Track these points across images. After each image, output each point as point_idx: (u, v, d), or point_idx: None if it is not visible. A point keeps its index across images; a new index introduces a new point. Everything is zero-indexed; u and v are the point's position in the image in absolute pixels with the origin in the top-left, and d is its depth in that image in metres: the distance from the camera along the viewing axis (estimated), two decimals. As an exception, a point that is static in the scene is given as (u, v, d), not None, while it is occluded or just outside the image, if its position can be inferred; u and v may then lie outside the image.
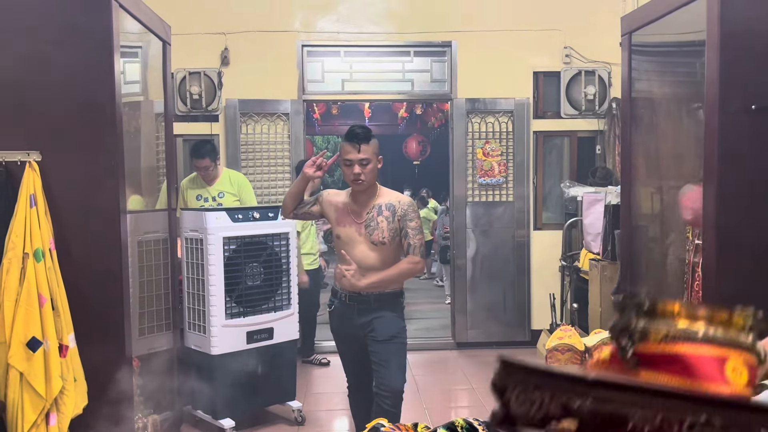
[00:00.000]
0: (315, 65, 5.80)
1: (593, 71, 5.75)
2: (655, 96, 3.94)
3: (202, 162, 4.59)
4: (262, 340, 3.88)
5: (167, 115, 3.80)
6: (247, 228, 3.83)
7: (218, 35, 5.63)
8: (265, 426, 4.01)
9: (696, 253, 3.43)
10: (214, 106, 5.59)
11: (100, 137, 2.82)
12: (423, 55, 5.86)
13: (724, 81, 2.83)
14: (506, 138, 5.85)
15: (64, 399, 2.69)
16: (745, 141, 2.84)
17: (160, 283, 3.66)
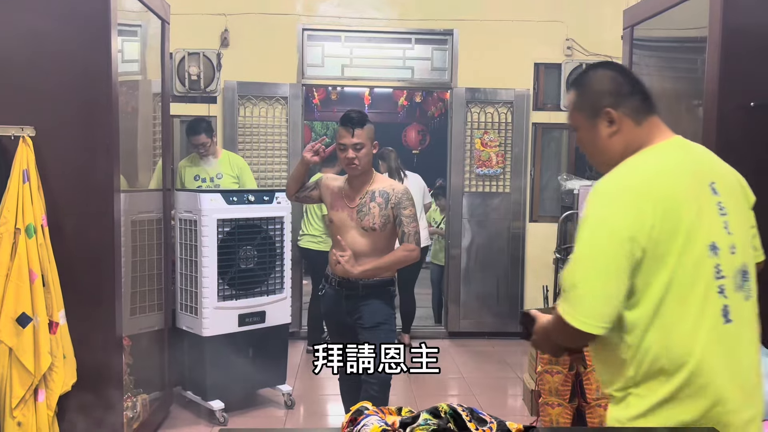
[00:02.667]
0: (315, 49, 5.76)
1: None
2: (654, 91, 3.90)
3: (198, 138, 4.56)
4: (254, 323, 3.88)
5: (164, 95, 3.77)
6: (241, 211, 3.82)
7: (218, 16, 5.59)
8: (255, 409, 4.03)
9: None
10: (213, 88, 5.55)
11: (95, 114, 2.80)
12: (424, 42, 5.83)
13: (724, 77, 2.82)
14: (505, 129, 5.83)
15: (52, 375, 2.68)
16: (743, 137, 2.84)
17: (152, 263, 3.65)
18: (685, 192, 1.50)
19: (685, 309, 1.48)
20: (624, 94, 1.58)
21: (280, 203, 3.96)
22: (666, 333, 1.48)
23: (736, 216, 1.57)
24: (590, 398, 3.71)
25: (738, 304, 1.53)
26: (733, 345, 1.52)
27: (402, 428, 1.04)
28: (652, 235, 1.44)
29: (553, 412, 3.70)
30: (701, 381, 1.48)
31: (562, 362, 3.72)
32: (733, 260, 1.52)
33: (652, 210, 1.45)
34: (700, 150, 1.66)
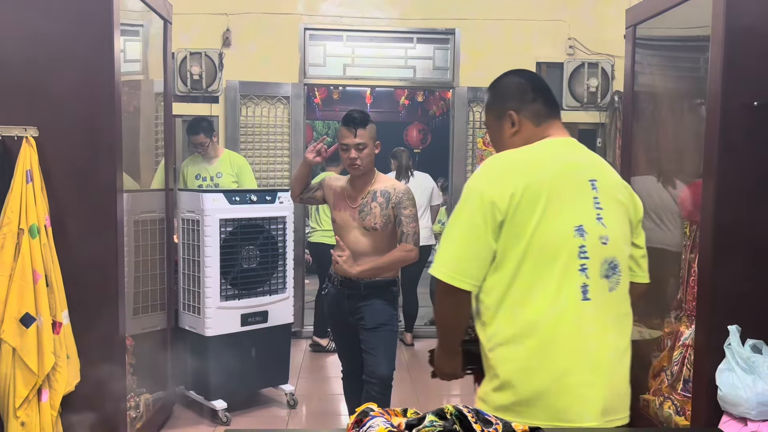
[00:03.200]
0: (317, 49, 5.76)
1: (596, 63, 5.73)
2: (657, 90, 3.92)
3: (197, 138, 4.63)
4: (257, 322, 3.88)
5: (166, 95, 3.77)
6: (244, 210, 3.82)
7: (220, 16, 5.59)
8: (258, 408, 4.03)
9: (693, 249, 3.42)
10: (215, 87, 5.55)
11: (98, 114, 2.80)
12: (426, 42, 5.83)
13: (727, 77, 2.82)
14: (507, 128, 5.82)
15: (56, 376, 2.69)
16: (746, 137, 2.83)
17: (155, 263, 3.66)
18: (554, 176, 1.67)
19: (542, 279, 1.62)
20: (527, 100, 1.78)
21: (282, 203, 3.96)
22: (520, 300, 1.63)
23: (614, 218, 1.70)
24: (593, 398, 3.71)
25: (600, 288, 1.65)
26: (587, 322, 1.63)
27: (408, 430, 1.04)
28: (512, 203, 1.61)
29: (555, 412, 3.70)
30: (549, 351, 1.61)
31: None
32: (603, 249, 1.66)
33: (515, 182, 1.63)
34: (590, 154, 1.82)
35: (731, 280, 2.89)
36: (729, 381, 2.80)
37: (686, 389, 3.30)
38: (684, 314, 3.45)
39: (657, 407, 3.44)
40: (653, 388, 3.57)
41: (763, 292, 2.89)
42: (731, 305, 2.89)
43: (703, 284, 3.01)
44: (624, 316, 1.74)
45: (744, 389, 2.73)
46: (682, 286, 3.51)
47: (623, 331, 1.72)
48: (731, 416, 2.82)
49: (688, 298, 3.42)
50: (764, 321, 2.88)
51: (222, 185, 4.56)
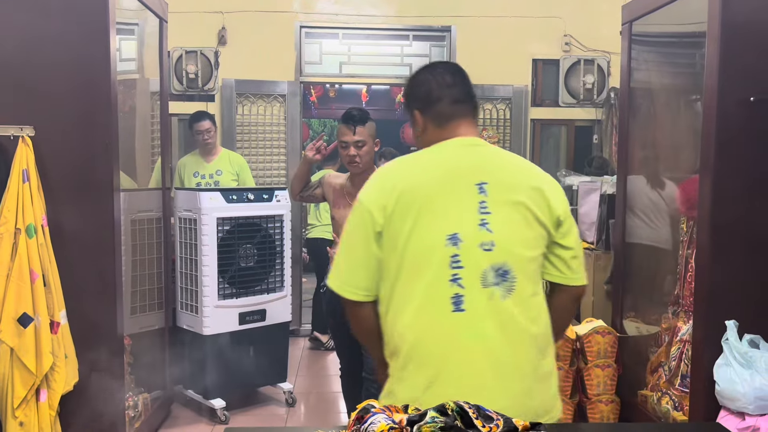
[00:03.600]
0: (313, 47, 5.75)
1: (592, 60, 5.73)
2: (653, 86, 3.93)
3: (203, 124, 4.58)
4: (255, 321, 3.87)
5: (163, 94, 3.76)
6: (241, 209, 3.81)
7: (215, 14, 5.58)
8: (256, 407, 4.02)
9: (690, 245, 3.43)
10: (211, 86, 5.54)
11: (94, 113, 2.79)
12: (422, 39, 5.83)
13: (723, 72, 2.82)
14: (503, 125, 5.83)
15: (54, 375, 2.68)
16: (743, 132, 2.84)
17: (152, 262, 3.65)
18: (432, 183, 1.62)
19: (412, 290, 1.59)
20: (432, 100, 1.71)
21: (279, 201, 3.96)
22: (397, 311, 1.61)
23: (506, 222, 1.60)
24: (591, 394, 3.72)
25: (480, 298, 1.57)
26: (462, 334, 1.57)
27: (409, 426, 1.04)
28: (386, 213, 1.59)
29: (554, 408, 3.70)
30: (415, 363, 1.58)
31: (563, 358, 3.72)
32: (486, 256, 1.58)
33: (390, 191, 1.60)
34: (490, 154, 1.72)
35: (728, 276, 2.90)
36: (726, 376, 2.81)
37: (684, 384, 3.31)
38: (681, 310, 3.46)
39: (655, 402, 3.45)
40: (651, 384, 3.58)
41: (760, 287, 2.90)
42: (728, 300, 2.90)
43: (700, 280, 3.02)
44: (530, 322, 1.62)
45: (741, 384, 2.74)
46: (679, 282, 3.51)
47: (521, 337, 1.60)
48: (729, 411, 2.83)
49: (686, 293, 3.43)
50: (761, 316, 2.89)
51: (222, 183, 4.56)
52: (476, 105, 1.77)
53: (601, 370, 3.69)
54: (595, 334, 3.70)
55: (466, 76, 1.77)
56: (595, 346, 3.70)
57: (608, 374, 3.70)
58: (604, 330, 3.72)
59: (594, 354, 3.70)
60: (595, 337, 3.70)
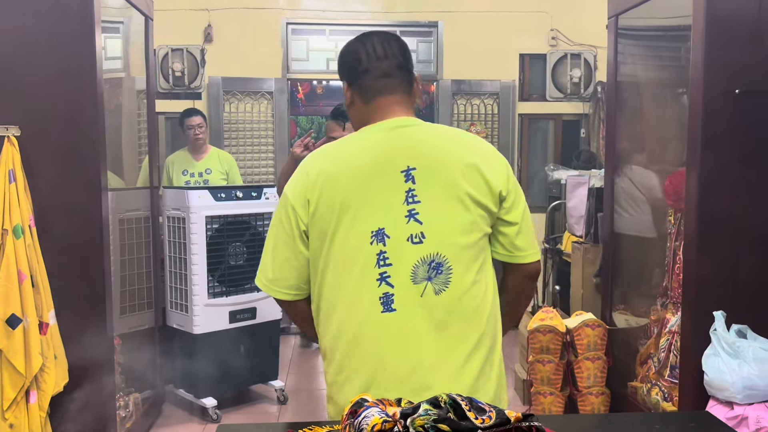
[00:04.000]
0: (300, 43, 5.75)
1: (579, 54, 5.76)
2: (640, 80, 3.95)
3: (194, 119, 4.59)
4: (245, 319, 3.87)
5: (149, 92, 3.74)
6: (230, 207, 3.80)
7: (201, 11, 5.56)
8: (248, 405, 4.02)
9: (677, 237, 3.46)
10: (197, 84, 5.52)
11: (81, 112, 2.77)
12: (409, 35, 5.83)
13: (708, 65, 2.84)
14: (491, 120, 5.85)
15: (44, 377, 2.66)
16: (729, 125, 2.86)
17: (141, 262, 3.63)
18: (354, 176, 1.49)
19: (340, 292, 1.49)
20: (359, 72, 1.56)
21: (268, 199, 3.95)
22: (326, 314, 1.52)
23: (439, 209, 1.48)
24: (582, 386, 3.74)
25: (411, 295, 1.47)
26: (394, 335, 1.47)
27: (403, 419, 1.04)
28: (309, 211, 1.49)
29: (545, 401, 3.73)
30: (349, 369, 1.50)
31: (553, 351, 3.75)
32: (416, 250, 1.47)
33: (312, 187, 1.49)
34: (417, 134, 1.55)
35: (715, 267, 2.92)
36: (715, 366, 2.83)
37: (673, 375, 3.33)
38: (670, 302, 3.49)
39: (645, 394, 3.47)
40: (641, 375, 3.60)
41: (746, 277, 2.92)
42: (716, 291, 2.93)
43: (688, 271, 3.04)
44: (469, 315, 1.51)
45: (730, 374, 2.77)
46: (667, 274, 3.54)
47: (459, 334, 1.50)
48: (718, 401, 2.86)
49: (674, 285, 3.46)
50: (748, 306, 2.92)
51: (212, 181, 4.55)
52: (411, 79, 1.60)
53: (591, 362, 3.71)
54: (584, 327, 3.73)
55: (404, 48, 1.61)
56: (584, 338, 3.72)
57: (598, 366, 3.72)
58: (594, 323, 3.75)
59: (584, 347, 3.73)
60: (584, 330, 3.72)
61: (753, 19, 2.83)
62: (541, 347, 3.73)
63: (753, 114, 2.83)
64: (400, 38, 1.64)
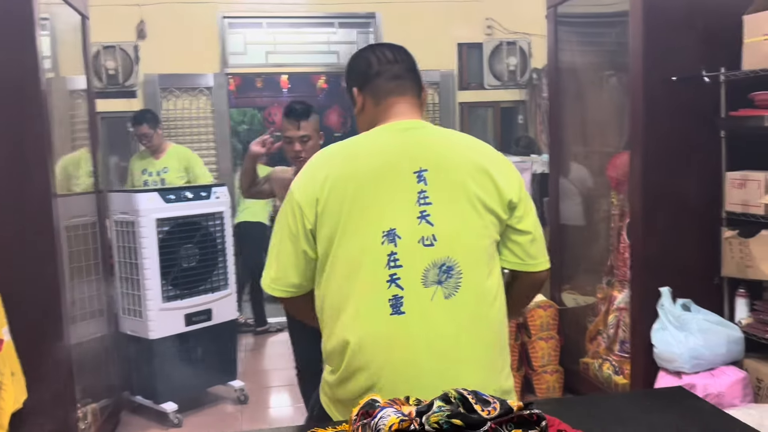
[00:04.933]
0: (237, 37, 5.66)
1: (514, 42, 5.88)
2: (579, 66, 4.08)
3: (140, 128, 4.58)
4: (201, 321, 3.82)
5: (90, 93, 3.62)
6: (180, 208, 3.73)
7: (132, 7, 5.38)
8: (209, 407, 3.97)
9: (621, 218, 3.62)
10: (132, 82, 5.36)
11: (24, 118, 2.66)
12: (347, 26, 5.83)
13: (647, 53, 2.98)
14: (433, 110, 5.92)
15: (2, 394, 2.56)
16: (667, 109, 3.01)
17: (90, 269, 3.52)
18: (366, 175, 1.49)
19: (349, 293, 1.47)
20: (371, 75, 1.61)
21: (218, 198, 3.90)
22: (334, 314, 1.51)
23: (451, 211, 1.48)
24: (536, 366, 3.88)
25: (420, 298, 1.46)
26: (401, 339, 1.46)
27: (418, 417, 1.08)
28: (317, 210, 1.48)
29: (502, 382, 3.84)
30: (355, 367, 1.48)
31: (510, 334, 3.86)
32: (428, 252, 1.46)
33: (321, 186, 1.48)
34: (429, 135, 1.57)
35: (660, 245, 3.08)
36: (663, 339, 2.99)
37: (623, 350, 3.50)
38: (616, 280, 3.65)
39: (597, 369, 3.63)
40: (591, 352, 3.76)
41: (687, 254, 3.09)
42: (661, 268, 3.08)
43: (635, 250, 3.19)
44: (477, 320, 1.50)
45: (677, 345, 2.93)
46: (612, 253, 3.70)
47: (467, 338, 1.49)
48: (667, 371, 3.02)
49: (619, 264, 3.62)
50: (690, 281, 3.09)
51: (168, 180, 4.47)
52: (419, 85, 1.66)
53: (544, 342, 3.85)
54: (537, 309, 3.85)
55: (410, 55, 1.67)
56: (537, 320, 3.85)
57: (551, 346, 3.86)
58: (546, 304, 3.88)
59: (537, 327, 3.86)
60: (537, 311, 3.85)
61: (686, 5, 2.98)
62: (496, 331, 3.83)
63: (689, 98, 2.99)
64: (406, 49, 1.69)
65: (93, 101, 3.65)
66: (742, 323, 2.97)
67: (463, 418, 1.09)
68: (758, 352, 2.95)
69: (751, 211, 2.86)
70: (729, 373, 2.88)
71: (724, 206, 3.01)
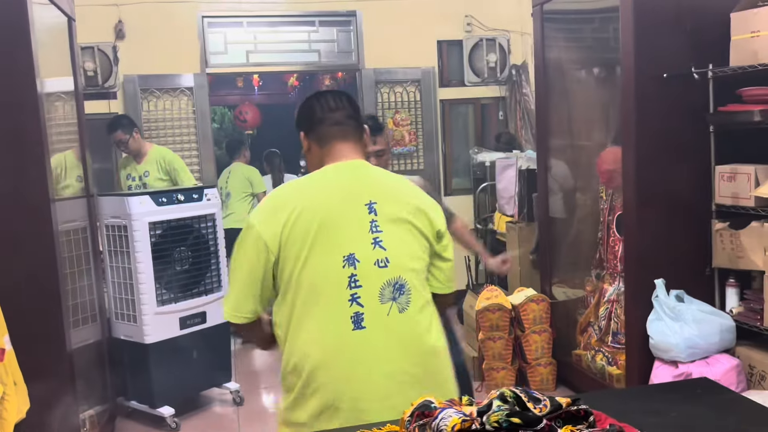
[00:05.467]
0: (217, 37, 5.61)
1: (494, 39, 5.94)
2: (565, 63, 4.14)
3: (115, 135, 4.51)
4: (196, 324, 3.79)
5: (78, 94, 3.56)
6: (172, 211, 3.70)
7: (110, 7, 5.30)
8: (205, 410, 3.95)
9: (610, 212, 3.69)
10: (111, 83, 5.29)
11: (21, 122, 2.62)
12: (328, 24, 5.82)
13: (638, 52, 3.04)
14: (414, 107, 5.95)
15: (5, 405, 2.51)
16: (658, 106, 3.08)
17: (82, 274, 3.47)
18: (326, 206, 1.68)
19: (312, 312, 1.64)
20: (314, 121, 1.81)
21: (210, 200, 3.88)
22: (296, 333, 1.66)
23: (397, 238, 1.70)
24: (530, 359, 3.94)
25: (378, 313, 1.65)
26: (363, 350, 1.64)
27: (479, 416, 1.10)
28: (281, 241, 1.64)
29: (498, 376, 3.90)
30: (318, 381, 1.63)
31: (503, 328, 3.91)
32: (382, 273, 1.66)
33: (285, 218, 1.65)
34: (375, 175, 1.80)
35: (653, 238, 3.15)
36: (659, 330, 3.07)
37: (616, 341, 3.58)
38: (607, 273, 3.73)
39: (589, 360, 3.70)
40: (583, 343, 3.83)
41: (678, 246, 3.17)
42: (655, 261, 3.16)
43: (629, 243, 3.26)
44: (428, 329, 1.73)
45: (673, 336, 3.01)
46: (602, 247, 3.77)
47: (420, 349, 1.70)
48: (662, 361, 3.10)
49: (609, 257, 3.69)
50: (682, 273, 3.17)
51: (149, 184, 4.42)
52: (360, 128, 1.84)
53: (538, 335, 3.91)
54: (530, 303, 3.92)
55: (352, 102, 1.86)
56: (530, 313, 3.92)
57: (544, 339, 3.93)
58: (538, 298, 3.94)
59: (530, 321, 3.92)
60: (530, 305, 3.91)
61: (675, 4, 3.05)
62: (491, 325, 3.89)
63: (679, 94, 3.06)
64: (350, 95, 1.90)
65: (81, 103, 3.59)
66: (734, 312, 3.06)
67: (521, 417, 1.12)
68: (749, 340, 3.04)
69: (741, 204, 2.95)
70: (723, 361, 2.96)
71: (714, 199, 3.09)
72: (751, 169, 2.90)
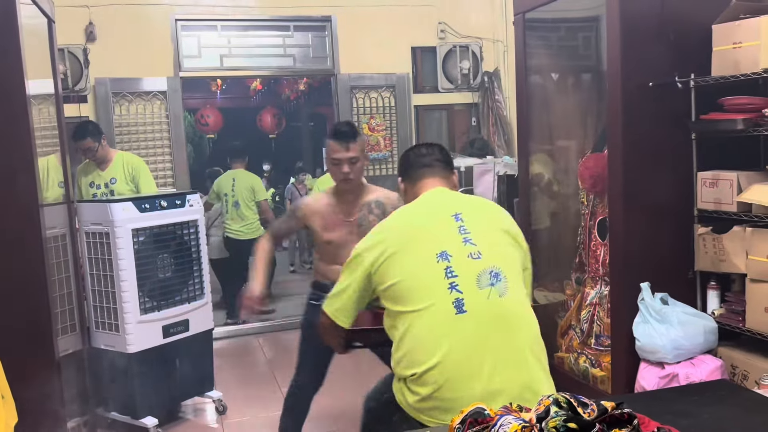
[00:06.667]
0: (191, 40, 5.53)
1: (467, 46, 6.01)
2: (545, 71, 4.21)
3: (84, 143, 4.24)
4: (179, 332, 3.72)
5: (57, 97, 3.47)
6: (155, 218, 3.62)
7: (80, 8, 5.18)
8: (188, 420, 3.89)
9: (591, 217, 3.76)
10: (82, 86, 5.16)
11: (7, 128, 2.54)
12: (303, 29, 5.80)
13: (625, 60, 3.10)
14: (389, 113, 5.97)
15: (-6, 419, 2.43)
16: (644, 113, 3.15)
17: (62, 283, 3.38)
18: (416, 220, 2.01)
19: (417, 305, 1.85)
20: (407, 168, 2.20)
21: (192, 206, 3.81)
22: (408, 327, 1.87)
23: (483, 235, 1.95)
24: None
25: (478, 298, 1.84)
26: (468, 333, 1.82)
27: (538, 422, 1.12)
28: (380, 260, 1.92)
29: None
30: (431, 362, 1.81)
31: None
32: (477, 263, 1.88)
33: (386, 243, 1.94)
34: (457, 195, 2.16)
35: (637, 243, 3.22)
36: (645, 332, 3.14)
37: (599, 343, 3.64)
38: (588, 277, 3.80)
39: (572, 363, 3.76)
40: (564, 346, 3.89)
41: (662, 250, 3.25)
42: (639, 265, 3.23)
43: (615, 247, 3.32)
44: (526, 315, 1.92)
45: (659, 338, 3.08)
46: (583, 251, 3.84)
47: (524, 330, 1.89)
48: (649, 362, 3.17)
49: (591, 261, 3.76)
50: (666, 276, 3.25)
51: (117, 191, 4.27)
52: (448, 169, 2.18)
53: (521, 339, 3.95)
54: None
55: (443, 150, 2.22)
56: (514, 317, 3.95)
57: (528, 342, 3.96)
58: (521, 302, 3.98)
59: (514, 325, 3.95)
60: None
61: (658, 15, 3.13)
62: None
63: (663, 102, 3.15)
64: (442, 146, 2.26)
65: (61, 107, 3.50)
66: (716, 314, 3.15)
67: (577, 422, 1.14)
68: (730, 340, 3.14)
69: (724, 209, 3.04)
70: (707, 362, 3.05)
71: (696, 204, 3.18)
72: (733, 176, 3.00)
